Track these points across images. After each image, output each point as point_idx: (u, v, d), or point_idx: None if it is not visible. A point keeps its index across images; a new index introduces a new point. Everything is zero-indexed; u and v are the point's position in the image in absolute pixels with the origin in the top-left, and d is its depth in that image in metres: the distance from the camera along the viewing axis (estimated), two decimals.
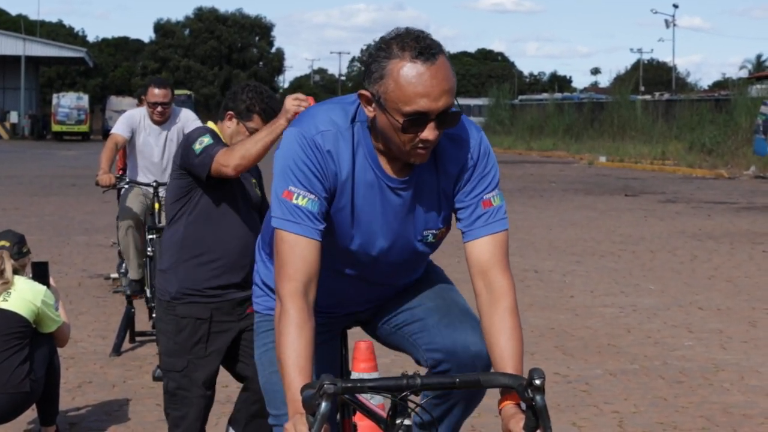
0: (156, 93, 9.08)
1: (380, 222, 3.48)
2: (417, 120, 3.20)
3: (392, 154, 3.38)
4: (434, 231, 3.57)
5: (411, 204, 3.48)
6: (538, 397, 2.90)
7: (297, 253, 3.27)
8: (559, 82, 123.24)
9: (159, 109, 9.09)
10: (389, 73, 3.18)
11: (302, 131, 3.36)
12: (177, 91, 58.49)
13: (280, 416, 3.60)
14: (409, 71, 3.17)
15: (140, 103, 11.18)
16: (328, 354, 3.77)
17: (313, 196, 3.31)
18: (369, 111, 3.29)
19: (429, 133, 3.22)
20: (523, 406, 3.03)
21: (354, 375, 5.67)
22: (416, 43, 3.19)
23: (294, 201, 3.30)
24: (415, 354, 3.74)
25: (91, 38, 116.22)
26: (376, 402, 5.33)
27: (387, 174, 3.42)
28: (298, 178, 3.31)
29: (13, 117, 72.05)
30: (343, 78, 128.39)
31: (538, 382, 2.89)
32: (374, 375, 5.79)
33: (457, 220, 3.53)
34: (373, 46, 3.28)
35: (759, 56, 66.28)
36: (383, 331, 3.85)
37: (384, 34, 3.28)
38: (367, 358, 5.82)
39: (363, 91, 3.27)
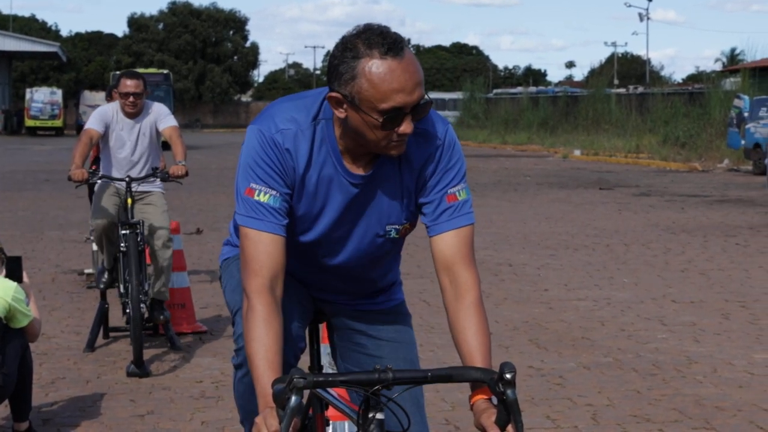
0: (128, 84, 9.02)
1: (341, 217, 3.50)
2: (394, 116, 3.20)
3: (359, 150, 3.39)
4: (397, 226, 3.56)
5: (372, 199, 3.49)
6: (509, 391, 2.90)
7: (261, 249, 3.30)
8: (534, 76, 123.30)
9: (131, 99, 9.02)
10: (361, 73, 3.16)
11: (262, 129, 3.38)
12: (153, 70, 56.04)
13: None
14: (381, 68, 3.15)
15: (109, 98, 11.10)
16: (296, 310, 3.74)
17: (274, 192, 3.33)
18: (340, 112, 3.27)
19: (406, 126, 3.23)
20: (495, 400, 3.03)
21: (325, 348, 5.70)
22: (383, 39, 3.17)
23: (256, 198, 3.33)
24: None
25: (64, 33, 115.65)
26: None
27: (348, 170, 3.42)
28: (259, 176, 3.33)
29: None
30: (317, 72, 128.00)
31: (508, 376, 2.90)
32: None
33: (422, 214, 3.52)
34: (336, 46, 3.25)
35: (733, 49, 66.52)
36: (337, 361, 3.91)
37: (345, 34, 3.25)
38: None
39: (333, 94, 3.25)
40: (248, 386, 3.28)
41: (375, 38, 3.18)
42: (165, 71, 60.69)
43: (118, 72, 44.89)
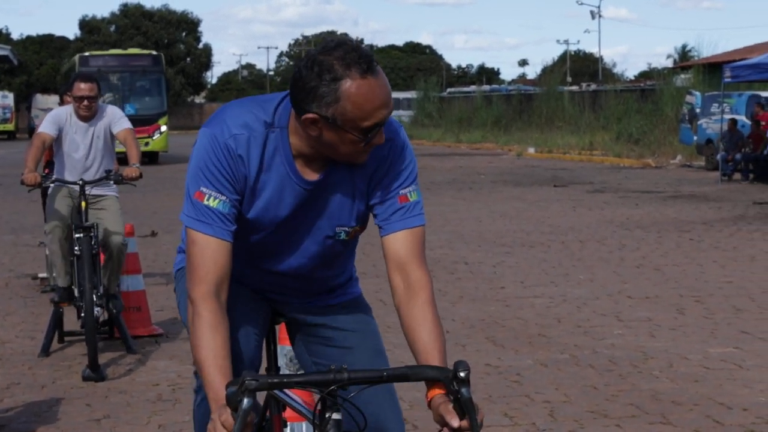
0: (82, 87, 8.95)
1: (290, 218, 3.51)
2: (374, 130, 3.24)
3: (315, 156, 3.39)
4: (347, 228, 3.58)
5: (323, 201, 3.50)
6: (463, 390, 2.92)
7: (208, 255, 3.32)
8: (488, 75, 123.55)
9: (85, 103, 8.96)
10: (344, 95, 3.16)
11: (215, 133, 3.38)
12: (136, 51, 47.25)
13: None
14: (364, 89, 3.17)
15: (62, 101, 11.02)
16: (253, 318, 3.74)
17: (224, 198, 3.35)
18: (312, 131, 3.27)
19: (380, 137, 3.31)
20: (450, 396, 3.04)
21: (282, 349, 5.69)
22: (359, 58, 3.17)
23: (205, 202, 3.34)
24: None
25: (15, 36, 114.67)
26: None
27: (301, 176, 3.43)
28: (209, 180, 3.34)
29: None
30: (271, 73, 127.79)
31: (462, 374, 2.91)
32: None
33: (374, 215, 3.53)
34: (305, 67, 3.20)
35: (684, 46, 66.80)
36: (304, 360, 3.88)
37: (313, 52, 3.21)
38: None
39: (310, 116, 3.22)
40: (207, 411, 3.26)
41: (351, 56, 3.17)
42: (154, 52, 43.39)
43: (85, 54, 43.62)
